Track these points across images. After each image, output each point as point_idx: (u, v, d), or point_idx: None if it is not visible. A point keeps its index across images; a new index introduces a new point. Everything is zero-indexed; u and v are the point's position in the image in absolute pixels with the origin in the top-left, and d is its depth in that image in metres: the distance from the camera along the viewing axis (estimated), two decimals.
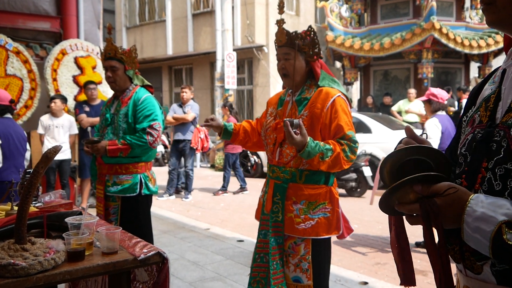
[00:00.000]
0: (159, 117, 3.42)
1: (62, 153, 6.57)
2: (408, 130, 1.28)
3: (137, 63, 3.51)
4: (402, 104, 11.28)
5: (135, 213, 3.39)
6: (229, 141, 2.98)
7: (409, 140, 1.25)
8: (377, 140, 8.84)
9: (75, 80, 7.46)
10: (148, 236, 3.46)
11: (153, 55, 17.64)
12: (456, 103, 11.36)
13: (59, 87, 7.28)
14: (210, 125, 2.78)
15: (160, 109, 3.49)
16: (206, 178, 11.07)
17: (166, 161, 13.39)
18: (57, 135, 6.59)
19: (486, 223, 0.99)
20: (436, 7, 11.41)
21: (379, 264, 4.69)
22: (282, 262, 2.51)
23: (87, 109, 6.87)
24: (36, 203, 2.49)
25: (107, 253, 1.80)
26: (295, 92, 2.62)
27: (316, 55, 2.55)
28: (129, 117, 3.37)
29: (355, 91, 17.40)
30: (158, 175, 4.99)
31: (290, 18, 15.41)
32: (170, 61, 17.89)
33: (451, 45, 11.58)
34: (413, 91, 11.29)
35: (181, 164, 8.77)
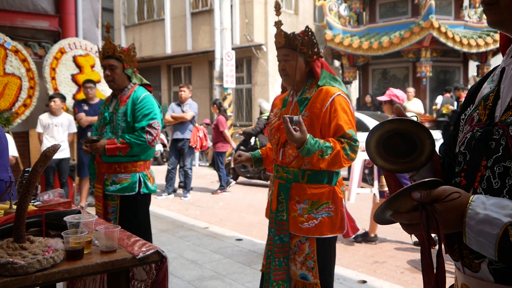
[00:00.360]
0: (158, 116, 3.42)
1: (61, 152, 6.57)
2: (397, 109, 1.29)
3: (135, 61, 3.50)
4: None
5: (134, 212, 3.39)
6: (261, 164, 2.97)
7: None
8: None
9: (73, 79, 7.45)
10: (147, 235, 3.46)
11: (151, 54, 17.62)
12: (455, 103, 11.37)
13: (57, 86, 7.27)
14: (240, 161, 2.83)
15: (159, 108, 3.49)
16: (204, 177, 11.06)
17: (165, 160, 13.39)
18: (56, 134, 6.59)
19: (490, 225, 0.97)
20: (434, 5, 11.41)
21: (378, 263, 4.69)
22: (287, 260, 2.54)
23: (86, 108, 6.86)
24: (35, 202, 2.49)
25: (105, 251, 1.79)
26: (296, 92, 2.64)
27: (316, 54, 2.56)
28: (128, 116, 3.36)
29: (353, 90, 17.39)
30: (157, 174, 4.99)
31: (289, 17, 15.41)
32: (169, 60, 17.87)
33: (449, 44, 11.59)
34: (411, 90, 11.30)
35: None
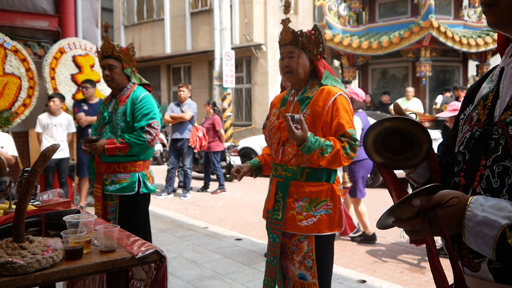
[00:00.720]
0: (157, 116, 3.41)
1: (61, 152, 6.57)
2: (396, 105, 1.30)
3: (134, 61, 3.50)
4: (401, 103, 11.28)
5: (133, 211, 3.39)
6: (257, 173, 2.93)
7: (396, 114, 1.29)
8: None
9: (73, 78, 7.45)
10: (146, 234, 3.46)
11: (151, 54, 17.62)
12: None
13: (57, 85, 7.27)
14: (243, 175, 2.79)
15: (158, 107, 3.49)
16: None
17: (164, 159, 13.39)
18: (56, 133, 6.59)
19: (488, 227, 0.98)
20: (434, 5, 11.40)
21: (377, 263, 4.70)
22: (276, 260, 2.55)
23: (85, 107, 6.86)
24: (34, 202, 2.49)
25: (105, 251, 1.80)
26: (298, 91, 2.65)
27: (320, 54, 2.58)
28: (127, 115, 3.36)
29: None
30: (157, 174, 4.99)
31: (289, 16, 15.40)
32: (169, 60, 17.88)
33: (449, 43, 11.58)
34: (411, 90, 11.30)
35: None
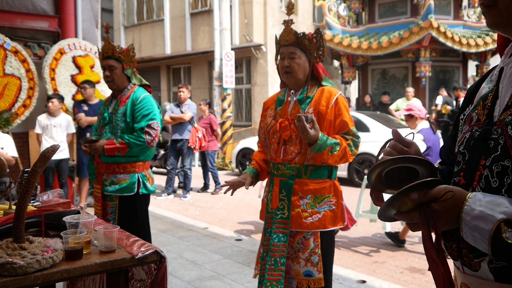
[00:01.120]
0: (157, 117, 3.42)
1: (61, 153, 6.57)
2: (395, 132, 1.29)
3: (135, 62, 3.50)
4: (400, 103, 11.28)
5: (133, 212, 3.39)
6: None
7: (395, 143, 1.28)
8: (375, 139, 8.84)
9: (73, 79, 7.45)
10: (146, 235, 3.46)
11: (151, 54, 17.63)
12: (454, 102, 11.38)
13: (57, 86, 7.27)
14: (247, 185, 2.72)
15: (158, 108, 3.49)
16: None
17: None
18: (55, 134, 6.59)
19: (484, 221, 1.00)
20: (433, 5, 11.41)
21: (377, 263, 4.69)
22: (283, 261, 2.56)
23: (85, 108, 6.86)
24: (34, 202, 2.49)
25: (105, 251, 1.80)
26: (296, 91, 2.69)
27: (320, 57, 2.66)
28: (127, 116, 3.36)
29: (353, 90, 17.40)
30: (156, 175, 4.98)
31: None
32: (168, 60, 17.89)
33: (449, 43, 11.59)
34: (411, 90, 11.30)
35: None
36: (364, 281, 4.07)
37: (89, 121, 6.71)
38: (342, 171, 9.23)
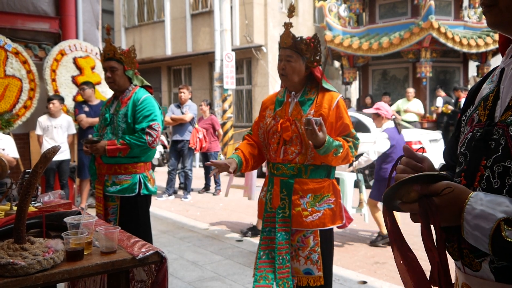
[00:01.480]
0: (158, 118, 3.42)
1: (61, 154, 6.58)
2: (406, 150, 1.26)
3: (136, 63, 3.51)
4: (401, 104, 11.28)
5: (134, 213, 3.39)
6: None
7: (409, 161, 1.24)
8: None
9: (74, 80, 7.46)
10: (147, 236, 3.46)
11: (152, 56, 17.63)
12: (452, 101, 11.37)
13: (58, 87, 7.28)
14: (222, 170, 2.67)
15: (160, 109, 3.49)
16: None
17: (165, 161, 13.40)
18: (56, 135, 6.59)
19: (485, 220, 1.00)
20: (434, 6, 11.40)
21: (378, 264, 4.69)
22: (289, 258, 2.61)
23: (86, 109, 6.87)
24: (35, 203, 2.49)
25: (105, 252, 1.80)
26: (296, 93, 2.73)
27: (317, 62, 2.70)
28: (129, 117, 3.37)
29: (353, 91, 17.40)
30: (157, 175, 4.99)
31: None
32: (169, 62, 17.88)
33: (449, 44, 11.59)
34: (411, 91, 11.30)
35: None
36: (365, 282, 4.07)
37: (90, 122, 6.72)
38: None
